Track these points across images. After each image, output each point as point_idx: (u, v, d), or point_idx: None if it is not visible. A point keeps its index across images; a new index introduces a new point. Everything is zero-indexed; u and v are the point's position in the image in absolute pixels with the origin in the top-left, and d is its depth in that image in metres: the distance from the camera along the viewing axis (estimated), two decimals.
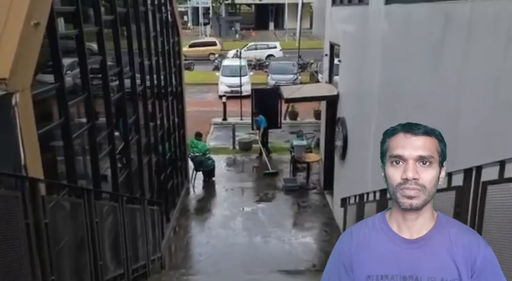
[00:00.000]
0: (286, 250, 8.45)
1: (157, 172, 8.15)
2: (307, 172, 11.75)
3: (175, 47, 10.27)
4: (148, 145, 7.42)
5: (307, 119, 18.01)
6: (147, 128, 7.36)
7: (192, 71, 29.67)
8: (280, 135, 16.09)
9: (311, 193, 11.23)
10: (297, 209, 10.31)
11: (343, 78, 8.82)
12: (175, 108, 10.16)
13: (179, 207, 10.16)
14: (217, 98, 21.46)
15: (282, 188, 11.33)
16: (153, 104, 7.86)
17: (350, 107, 8.25)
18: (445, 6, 4.24)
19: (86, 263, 4.01)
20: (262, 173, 12.37)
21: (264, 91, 15.25)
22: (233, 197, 10.91)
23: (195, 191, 11.42)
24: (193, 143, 11.47)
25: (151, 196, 7.61)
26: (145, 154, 7.29)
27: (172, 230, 9.21)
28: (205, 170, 11.63)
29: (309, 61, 28.89)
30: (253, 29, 47.11)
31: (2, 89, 3.09)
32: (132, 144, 6.37)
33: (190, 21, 51.72)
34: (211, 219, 9.81)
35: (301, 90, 9.65)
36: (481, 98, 3.65)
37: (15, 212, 2.73)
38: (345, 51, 8.63)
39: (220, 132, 17.04)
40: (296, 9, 41.86)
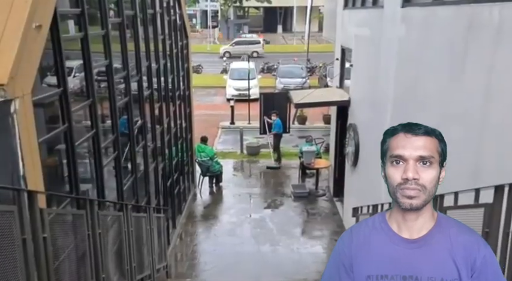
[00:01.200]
0: (295, 260, 8.21)
1: (163, 177, 7.96)
2: (316, 178, 11.51)
3: (183, 50, 10.11)
4: (154, 150, 7.25)
5: (316, 124, 17.78)
6: (154, 133, 7.18)
7: (200, 73, 29.68)
8: (288, 140, 15.84)
9: (320, 200, 10.99)
10: (306, 217, 10.07)
11: (355, 84, 8.58)
12: (182, 112, 9.99)
13: (186, 213, 9.97)
14: (225, 101, 21.29)
15: (291, 195, 11.10)
16: (160, 108, 7.69)
17: (362, 113, 8.01)
18: (469, 9, 4.00)
19: (87, 277, 3.81)
20: (268, 180, 12.17)
21: (272, 95, 15.04)
22: (240, 204, 10.70)
23: (202, 196, 11.22)
24: (201, 148, 11.28)
25: (158, 202, 7.43)
26: (152, 159, 7.11)
27: (178, 236, 9.01)
28: (213, 175, 11.43)
29: (318, 65, 28.69)
30: (261, 32, 47.06)
31: (0, 96, 2.91)
32: (138, 149, 6.18)
33: (199, 24, 51.86)
34: (218, 226, 9.61)
35: (312, 95, 9.43)
36: (510, 110, 3.40)
37: (11, 228, 2.53)
38: (357, 55, 8.40)
39: (228, 136, 16.85)
40: (305, 13, 41.78)
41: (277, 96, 14.75)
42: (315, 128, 17.13)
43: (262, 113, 14.07)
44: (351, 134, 8.49)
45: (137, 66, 6.28)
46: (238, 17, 51.49)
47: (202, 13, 49.42)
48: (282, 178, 12.44)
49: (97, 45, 4.86)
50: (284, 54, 30.69)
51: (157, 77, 7.57)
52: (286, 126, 14.36)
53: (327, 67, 23.83)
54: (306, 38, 35.02)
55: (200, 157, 11.20)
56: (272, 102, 14.03)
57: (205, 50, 38.27)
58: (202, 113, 19.20)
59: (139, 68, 6.29)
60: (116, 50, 5.46)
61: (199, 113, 18.85)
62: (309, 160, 11.11)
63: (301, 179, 12.10)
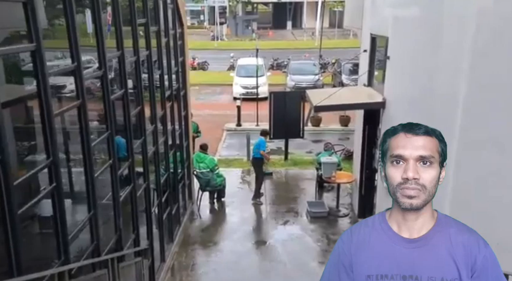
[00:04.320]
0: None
1: (147, 202, 6.18)
2: (337, 194, 9.65)
3: (177, 40, 8.31)
4: (131, 170, 5.46)
5: (332, 126, 15.99)
6: (130, 147, 5.39)
7: (206, 70, 28.13)
8: (301, 144, 14.07)
9: (343, 221, 9.14)
10: (327, 245, 8.20)
11: (394, 80, 6.69)
12: (176, 115, 8.20)
13: (179, 238, 8.19)
14: (231, 100, 19.61)
15: (307, 214, 9.27)
16: (141, 113, 5.89)
17: (406, 116, 6.07)
18: None
19: None
20: (279, 194, 10.37)
21: (284, 95, 13.15)
22: (246, 226, 8.88)
23: (200, 215, 9.43)
24: (200, 157, 9.48)
25: (136, 238, 5.64)
26: (125, 184, 5.32)
27: (169, 271, 7.23)
28: (213, 190, 9.64)
29: (330, 61, 26.88)
30: (270, 28, 45.82)
31: None
32: (97, 175, 4.38)
33: (207, 20, 50.86)
34: (218, 257, 7.79)
35: (334, 96, 7.57)
36: None
37: None
38: (397, 44, 6.51)
39: (233, 139, 15.08)
40: (315, 8, 40.15)
41: (290, 96, 12.89)
42: (331, 130, 15.34)
43: (272, 115, 12.25)
44: None
45: (100, 57, 4.48)
46: (246, 13, 50.35)
47: (210, 9, 48.42)
48: (295, 192, 10.61)
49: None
50: (294, 51, 28.90)
51: (136, 73, 5.77)
52: (299, 130, 12.55)
53: (342, 63, 22.24)
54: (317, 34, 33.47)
55: (199, 168, 9.40)
56: (284, 103, 12.20)
57: (212, 46, 36.94)
58: (206, 113, 17.74)
59: (103, 60, 4.49)
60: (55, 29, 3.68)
61: (202, 113, 17.31)
62: (329, 173, 9.24)
63: (318, 193, 10.26)
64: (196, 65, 28.60)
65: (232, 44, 38.38)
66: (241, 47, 32.58)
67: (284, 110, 12.12)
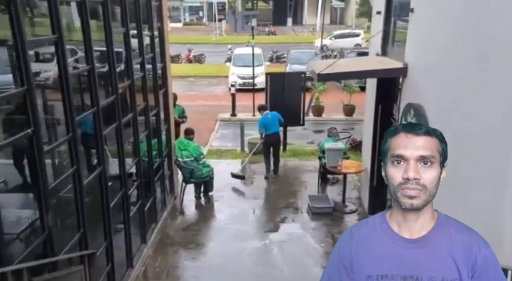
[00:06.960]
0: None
1: (105, 196, 4.83)
2: (343, 186, 8.29)
3: (149, 1, 6.95)
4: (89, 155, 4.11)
5: (335, 116, 14.73)
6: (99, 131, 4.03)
7: (203, 63, 27.01)
8: (301, 134, 12.77)
9: (350, 218, 7.77)
10: (331, 246, 6.80)
11: (420, 40, 5.28)
12: (153, 94, 6.88)
13: (155, 239, 6.84)
14: (227, 91, 18.37)
15: (308, 210, 7.91)
16: (93, 89, 4.51)
17: (437, 87, 4.71)
18: None
19: None
20: (276, 188, 9.04)
21: (282, 76, 11.76)
22: (237, 224, 7.51)
23: (184, 212, 8.08)
24: (183, 144, 8.12)
25: (83, 239, 4.29)
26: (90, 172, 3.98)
27: (137, 279, 5.87)
28: (199, 182, 8.28)
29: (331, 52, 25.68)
30: (271, 25, 44.97)
31: None
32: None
33: (206, 17, 50.39)
34: (201, 261, 6.42)
35: (341, 66, 6.21)
36: None
37: None
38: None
39: (226, 130, 13.77)
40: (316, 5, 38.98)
41: (289, 78, 11.52)
42: (334, 120, 14.02)
43: (269, 100, 10.92)
44: (410, 121, 5.22)
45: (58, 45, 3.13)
46: (246, 9, 49.60)
47: (209, 6, 47.76)
48: (295, 185, 9.26)
49: None
50: (294, 45, 27.85)
51: (85, 40, 4.38)
52: (300, 117, 11.22)
53: (345, 52, 21.13)
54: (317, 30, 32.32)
55: (181, 157, 8.05)
56: (282, 86, 10.86)
57: (210, 40, 35.96)
58: (200, 104, 16.77)
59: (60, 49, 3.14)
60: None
61: (197, 104, 16.27)
62: (335, 162, 7.86)
63: (320, 187, 8.92)
64: (192, 58, 27.43)
65: (231, 38, 37.22)
66: (240, 41, 31.33)
67: (282, 94, 10.78)
